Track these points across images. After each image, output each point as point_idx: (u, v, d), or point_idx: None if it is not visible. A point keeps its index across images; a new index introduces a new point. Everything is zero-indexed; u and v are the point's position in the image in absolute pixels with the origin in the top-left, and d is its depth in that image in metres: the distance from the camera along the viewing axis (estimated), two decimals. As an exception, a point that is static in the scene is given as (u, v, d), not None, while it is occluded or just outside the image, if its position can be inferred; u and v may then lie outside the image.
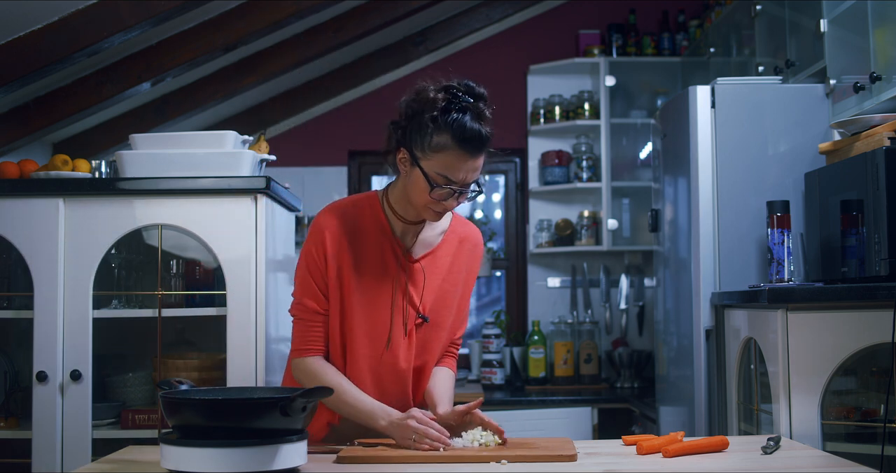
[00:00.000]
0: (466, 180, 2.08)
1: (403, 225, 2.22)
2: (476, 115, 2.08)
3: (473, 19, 5.08)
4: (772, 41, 3.64)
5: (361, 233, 2.20)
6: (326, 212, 2.21)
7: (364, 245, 2.19)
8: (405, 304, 2.20)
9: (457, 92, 2.09)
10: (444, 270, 2.25)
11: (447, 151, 2.05)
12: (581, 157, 5.01)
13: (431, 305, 2.23)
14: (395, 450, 2.01)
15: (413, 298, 2.21)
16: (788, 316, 2.52)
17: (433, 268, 2.24)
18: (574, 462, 1.93)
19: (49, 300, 2.84)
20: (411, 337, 2.21)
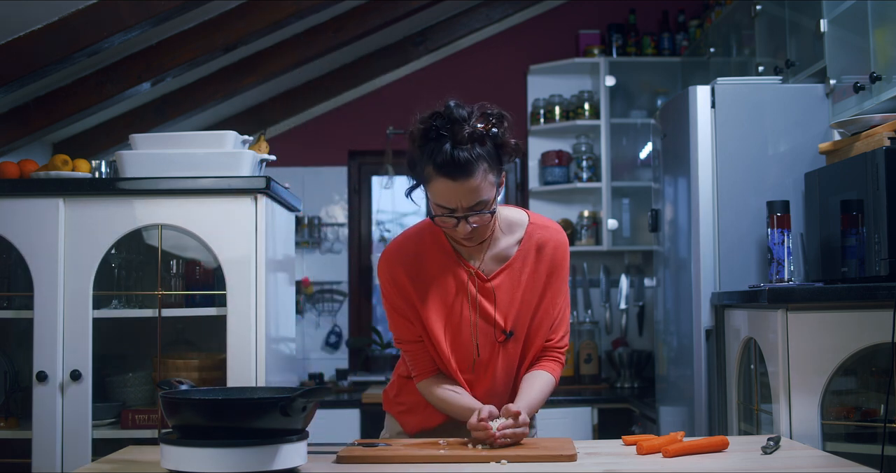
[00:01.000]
0: (462, 205, 2.05)
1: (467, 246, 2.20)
2: (455, 141, 2.04)
3: (473, 19, 5.08)
4: (772, 41, 3.64)
5: (427, 261, 2.20)
6: (387, 250, 2.25)
7: (431, 272, 2.19)
8: (483, 324, 2.18)
9: (434, 119, 2.08)
10: (523, 281, 2.20)
11: (434, 181, 2.05)
12: (581, 157, 5.01)
13: (515, 320, 2.19)
14: (394, 450, 2.01)
15: (492, 316, 2.19)
16: (788, 316, 2.52)
17: (510, 282, 2.19)
18: (574, 462, 1.93)
19: (49, 300, 2.84)
20: (494, 356, 2.20)
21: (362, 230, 5.47)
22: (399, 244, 2.26)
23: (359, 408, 4.60)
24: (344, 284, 5.32)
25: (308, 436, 1.85)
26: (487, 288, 2.19)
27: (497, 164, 2.09)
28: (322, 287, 5.29)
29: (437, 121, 2.07)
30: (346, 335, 5.30)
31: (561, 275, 2.24)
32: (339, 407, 4.61)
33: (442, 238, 2.21)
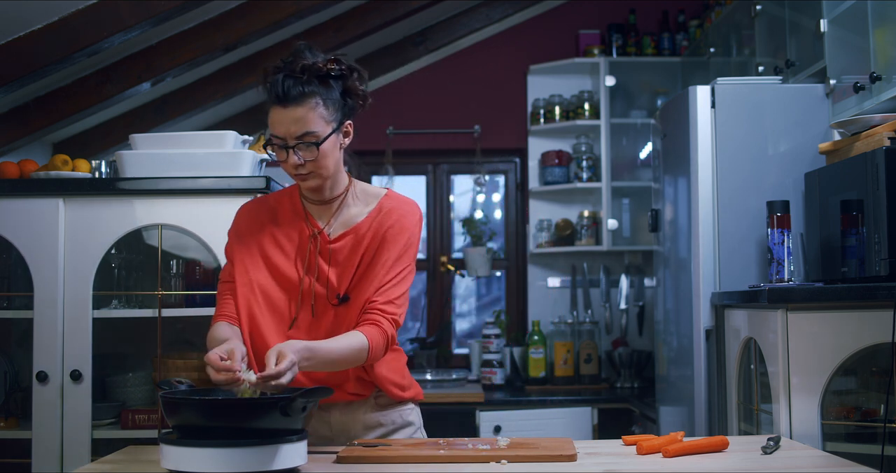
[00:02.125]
0: (290, 133, 2.11)
1: (317, 207, 2.26)
2: (289, 72, 2.14)
3: (473, 19, 5.08)
4: (772, 41, 3.64)
5: (279, 217, 2.26)
6: (248, 202, 2.34)
7: (280, 228, 2.25)
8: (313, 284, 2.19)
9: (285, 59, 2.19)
10: (362, 248, 2.21)
11: (270, 112, 2.14)
12: (581, 157, 5.01)
13: (354, 284, 2.19)
14: (395, 450, 2.01)
15: (326, 277, 2.20)
16: (788, 316, 2.52)
17: (352, 247, 2.21)
18: (574, 461, 1.93)
19: (49, 300, 2.84)
20: (320, 317, 2.18)
21: (362, 230, 5.47)
22: (260, 198, 2.36)
23: (359, 408, 4.59)
24: (344, 284, 5.31)
25: (308, 436, 1.85)
26: (327, 249, 2.22)
27: (336, 105, 2.17)
28: (322, 287, 5.28)
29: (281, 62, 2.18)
30: (346, 335, 5.29)
31: (398, 242, 2.22)
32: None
33: (297, 198, 2.28)
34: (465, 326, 5.58)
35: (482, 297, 5.65)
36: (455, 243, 5.48)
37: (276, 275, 2.21)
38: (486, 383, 4.83)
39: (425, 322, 5.40)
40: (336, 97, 2.17)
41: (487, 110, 5.26)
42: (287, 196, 2.31)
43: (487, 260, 5.12)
